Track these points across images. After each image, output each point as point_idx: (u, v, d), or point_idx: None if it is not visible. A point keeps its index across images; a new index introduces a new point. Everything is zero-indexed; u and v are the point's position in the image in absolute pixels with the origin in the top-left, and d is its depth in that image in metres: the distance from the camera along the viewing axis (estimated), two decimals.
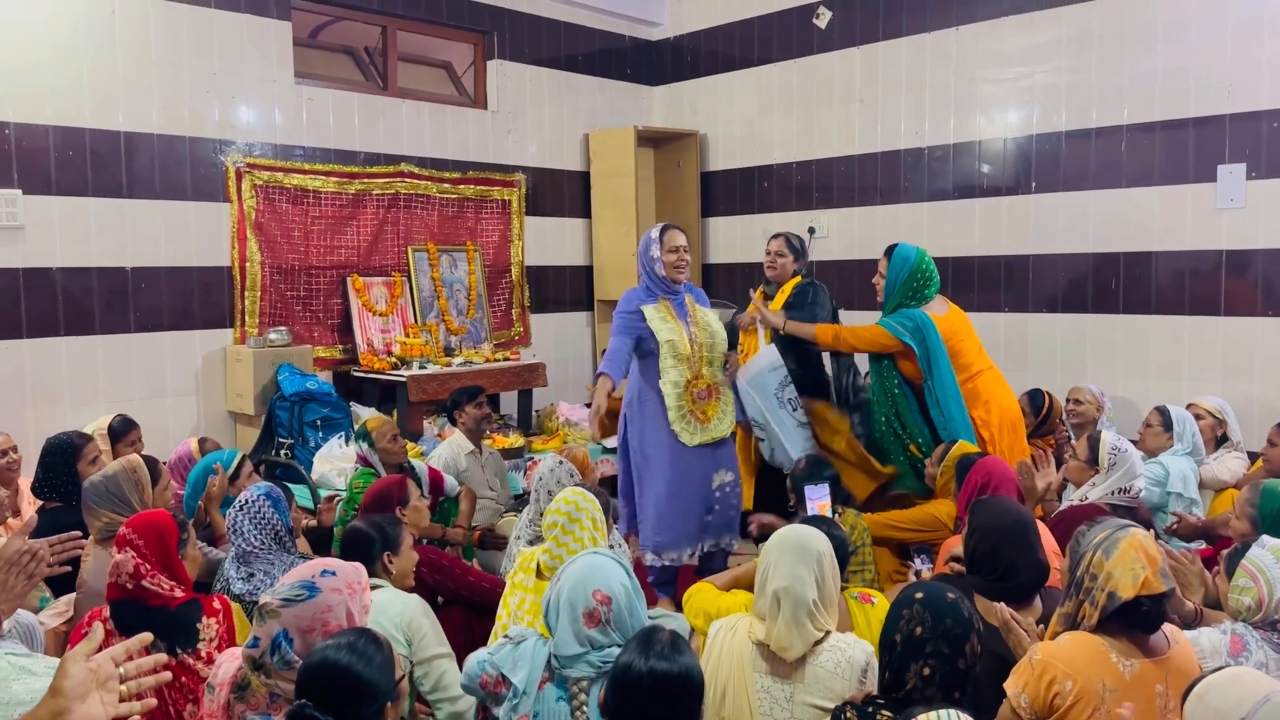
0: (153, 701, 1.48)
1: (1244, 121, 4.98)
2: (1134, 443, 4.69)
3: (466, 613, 3.33)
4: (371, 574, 2.73)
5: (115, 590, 2.57)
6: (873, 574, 3.71)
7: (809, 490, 3.60)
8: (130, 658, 1.51)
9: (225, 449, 4.29)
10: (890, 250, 4.43)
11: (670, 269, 4.26)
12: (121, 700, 1.45)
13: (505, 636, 2.47)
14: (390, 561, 2.82)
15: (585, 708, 2.22)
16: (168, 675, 1.55)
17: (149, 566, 2.57)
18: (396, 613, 2.64)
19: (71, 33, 4.85)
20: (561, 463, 3.66)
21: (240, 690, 2.08)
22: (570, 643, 2.27)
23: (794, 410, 4.48)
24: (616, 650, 2.21)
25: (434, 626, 2.69)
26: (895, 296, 4.37)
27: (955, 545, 3.08)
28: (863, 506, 4.59)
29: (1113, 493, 3.53)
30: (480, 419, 4.85)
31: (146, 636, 1.52)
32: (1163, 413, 4.40)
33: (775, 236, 4.94)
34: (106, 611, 2.58)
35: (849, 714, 2.03)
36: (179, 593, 2.59)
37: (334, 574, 2.15)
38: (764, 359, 4.50)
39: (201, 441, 4.21)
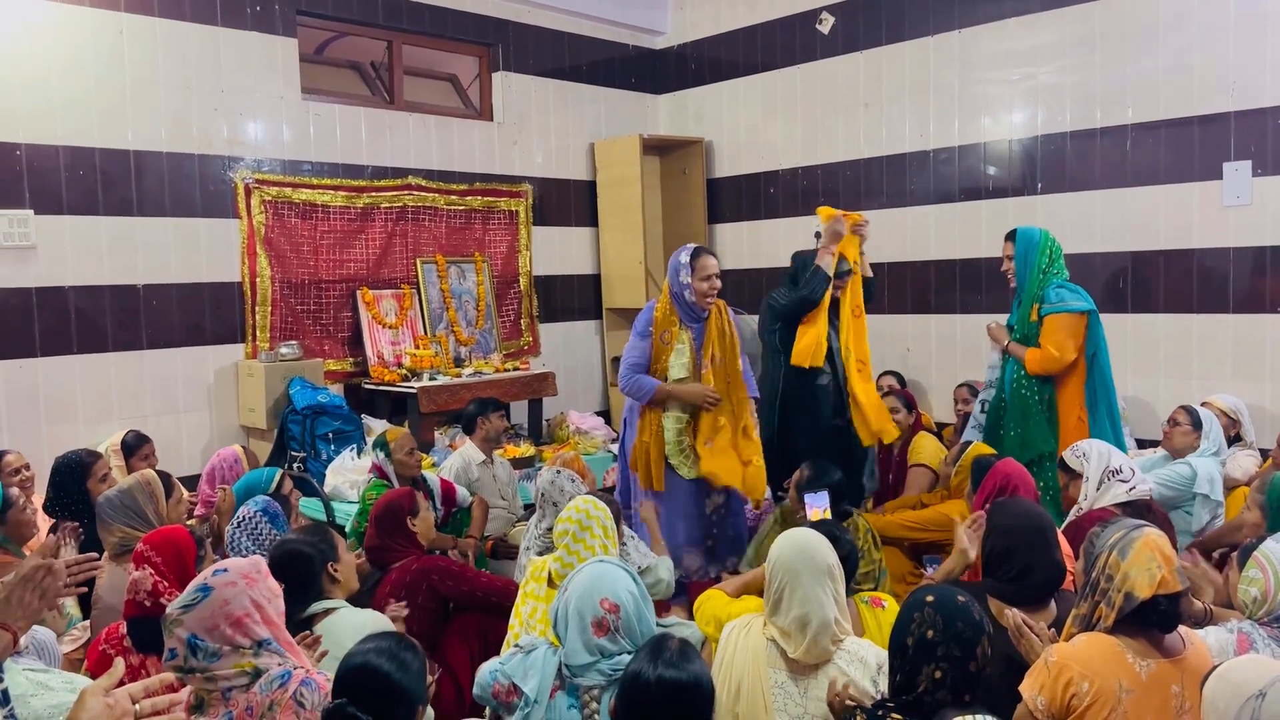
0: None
1: (1249, 118, 4.97)
2: (1157, 443, 4.68)
3: (481, 618, 3.33)
4: (318, 589, 2.74)
5: (133, 608, 2.59)
6: (882, 575, 3.69)
7: (808, 498, 3.60)
8: (148, 695, 1.53)
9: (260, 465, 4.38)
10: (1011, 234, 4.35)
11: (701, 297, 4.18)
12: None
13: (516, 645, 2.48)
14: (335, 570, 2.80)
15: (597, 716, 2.23)
16: (182, 716, 1.57)
17: (167, 584, 2.59)
18: (360, 625, 2.63)
19: (80, 52, 4.90)
20: (560, 471, 3.67)
21: (198, 709, 2.11)
22: (580, 652, 2.28)
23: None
24: (627, 658, 2.22)
25: None
26: (1032, 273, 4.26)
27: None
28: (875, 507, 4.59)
29: (1126, 487, 3.46)
30: (502, 430, 4.90)
31: (168, 677, 1.54)
32: (1190, 412, 4.34)
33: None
34: (124, 628, 2.60)
35: (859, 717, 2.03)
36: None
37: (225, 570, 2.17)
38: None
39: (244, 449, 4.31)
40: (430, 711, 2.52)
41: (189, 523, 3.54)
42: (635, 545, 3.52)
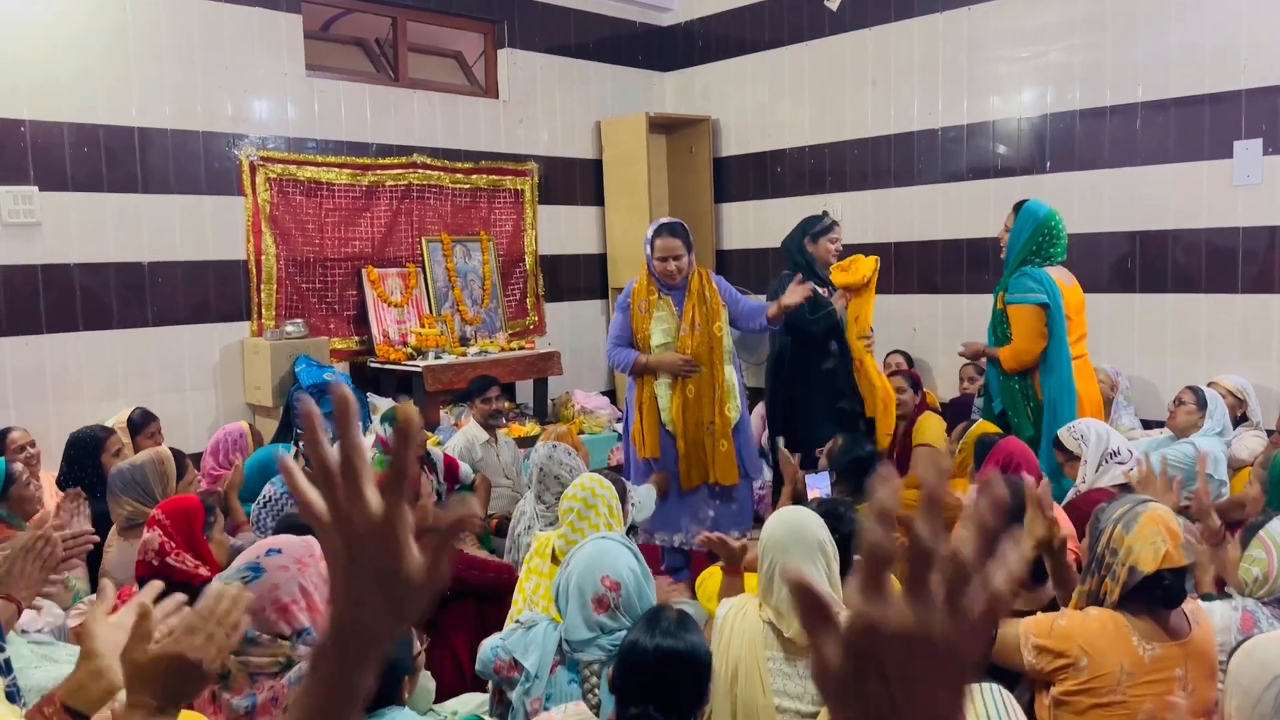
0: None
1: (1260, 96, 4.92)
2: (1161, 423, 4.67)
3: (477, 605, 3.32)
4: None
5: (142, 568, 2.66)
6: None
7: (809, 479, 3.62)
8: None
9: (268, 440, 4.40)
10: (1019, 205, 4.32)
11: (664, 276, 4.29)
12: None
13: (517, 621, 2.50)
14: None
15: (597, 690, 2.24)
16: (188, 610, 1.55)
17: (174, 545, 2.67)
18: None
19: (84, 29, 4.88)
20: (556, 446, 3.68)
21: (223, 679, 2.11)
22: (580, 628, 2.29)
23: None
24: (626, 632, 2.23)
25: None
26: (1020, 251, 4.22)
27: None
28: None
29: (1124, 469, 3.46)
30: (488, 414, 4.89)
31: (157, 584, 1.51)
32: (1196, 391, 4.35)
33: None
34: (134, 588, 2.64)
35: None
36: (204, 571, 2.67)
37: (279, 551, 2.15)
38: None
39: (250, 426, 4.33)
40: (431, 683, 2.53)
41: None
42: (633, 490, 3.58)
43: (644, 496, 3.62)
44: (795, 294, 4.18)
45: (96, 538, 2.55)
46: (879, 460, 3.79)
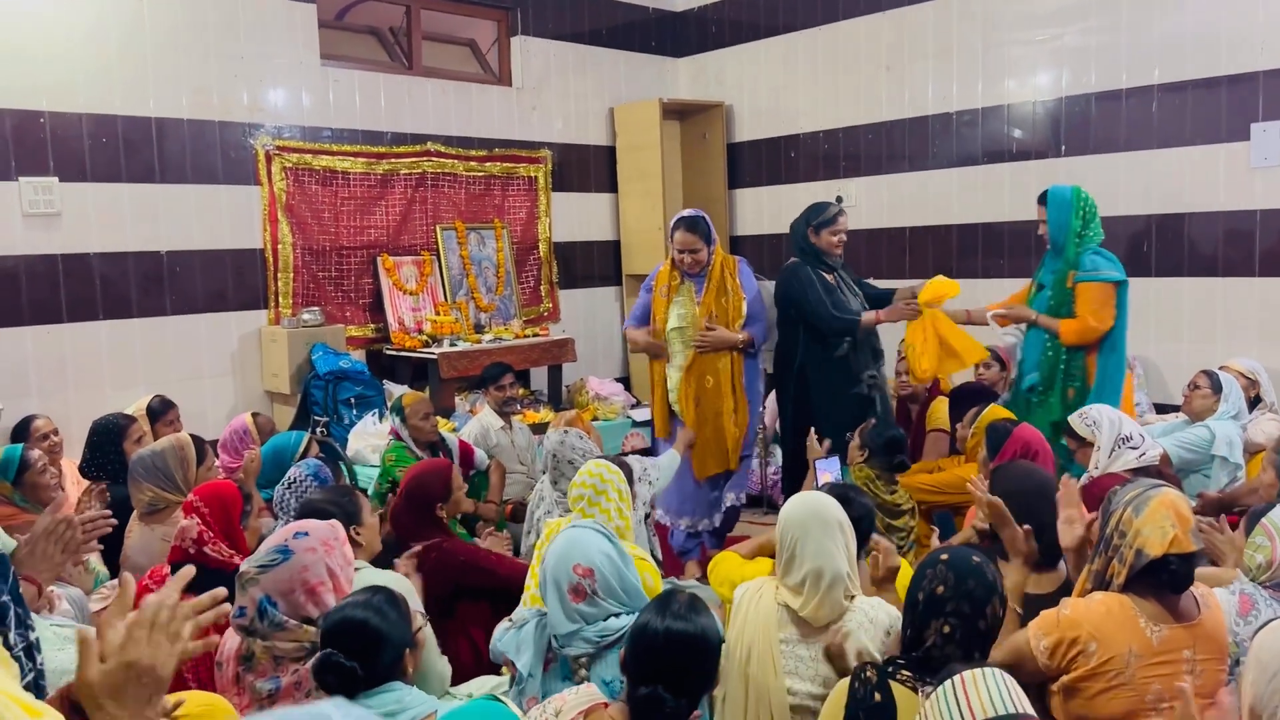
0: (215, 639, 1.49)
1: (1278, 78, 4.87)
2: (1176, 407, 4.65)
3: (491, 607, 3.31)
4: None
5: (177, 553, 2.70)
6: (912, 545, 3.72)
7: (820, 464, 3.66)
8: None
9: (281, 429, 4.43)
10: (1043, 197, 4.26)
11: (680, 265, 4.40)
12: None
13: (509, 620, 2.52)
14: (358, 533, 2.80)
15: (589, 683, 2.26)
16: (227, 608, 1.50)
17: (211, 534, 2.72)
18: (381, 583, 2.65)
19: (101, 20, 4.92)
20: (567, 431, 3.69)
21: (247, 661, 2.15)
22: (562, 621, 2.32)
23: None
24: (615, 620, 2.25)
25: (416, 604, 2.71)
26: (1069, 234, 4.13)
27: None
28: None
29: (1136, 454, 3.44)
30: (503, 401, 4.92)
31: (189, 570, 1.50)
32: (1211, 376, 4.33)
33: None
34: (166, 570, 2.69)
35: (869, 672, 2.05)
36: (237, 560, 2.70)
37: (307, 534, 2.20)
38: None
39: (255, 416, 4.35)
40: (447, 669, 2.57)
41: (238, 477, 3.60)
42: (649, 467, 3.62)
43: (665, 467, 3.66)
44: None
45: (114, 520, 2.59)
46: (904, 442, 3.91)
